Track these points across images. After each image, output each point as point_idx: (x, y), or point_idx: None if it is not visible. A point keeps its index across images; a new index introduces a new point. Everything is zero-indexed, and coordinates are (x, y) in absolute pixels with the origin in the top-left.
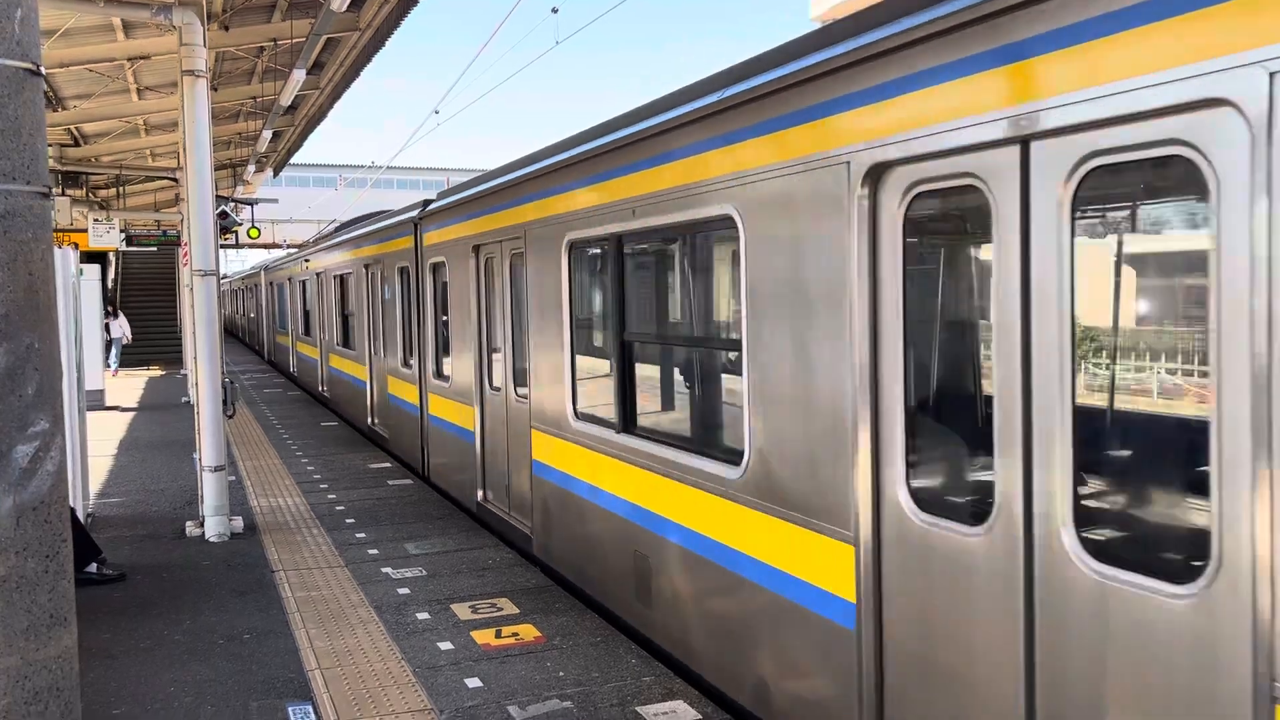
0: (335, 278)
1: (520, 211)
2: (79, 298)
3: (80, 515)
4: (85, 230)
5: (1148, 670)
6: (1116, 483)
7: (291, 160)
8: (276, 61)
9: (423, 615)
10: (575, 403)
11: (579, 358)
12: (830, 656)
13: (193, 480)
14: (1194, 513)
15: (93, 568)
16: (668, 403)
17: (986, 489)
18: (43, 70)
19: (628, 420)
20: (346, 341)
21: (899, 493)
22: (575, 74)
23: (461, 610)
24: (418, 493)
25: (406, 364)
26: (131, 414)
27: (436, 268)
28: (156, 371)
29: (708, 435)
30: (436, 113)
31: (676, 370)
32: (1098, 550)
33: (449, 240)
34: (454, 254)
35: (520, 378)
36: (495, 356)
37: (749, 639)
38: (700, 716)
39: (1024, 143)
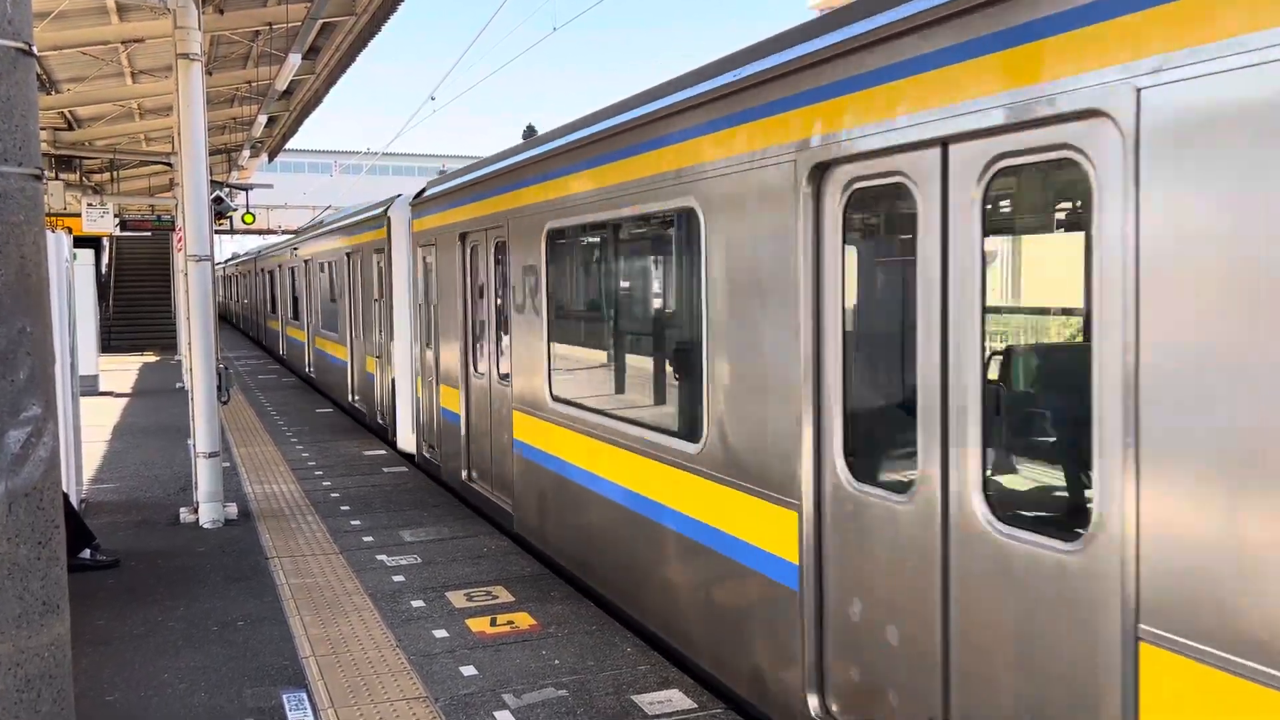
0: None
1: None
2: (73, 282)
3: (74, 501)
4: (79, 215)
5: None
6: None
7: (287, 145)
8: (272, 46)
9: (418, 603)
10: None
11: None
12: None
13: (187, 466)
14: None
15: (86, 553)
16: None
17: None
18: (35, 50)
19: None
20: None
21: None
22: (572, 58)
23: (456, 598)
24: (413, 480)
25: None
26: (125, 399)
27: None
28: (151, 357)
29: None
30: (433, 99)
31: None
32: None
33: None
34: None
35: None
36: None
37: None
38: (695, 705)
39: None
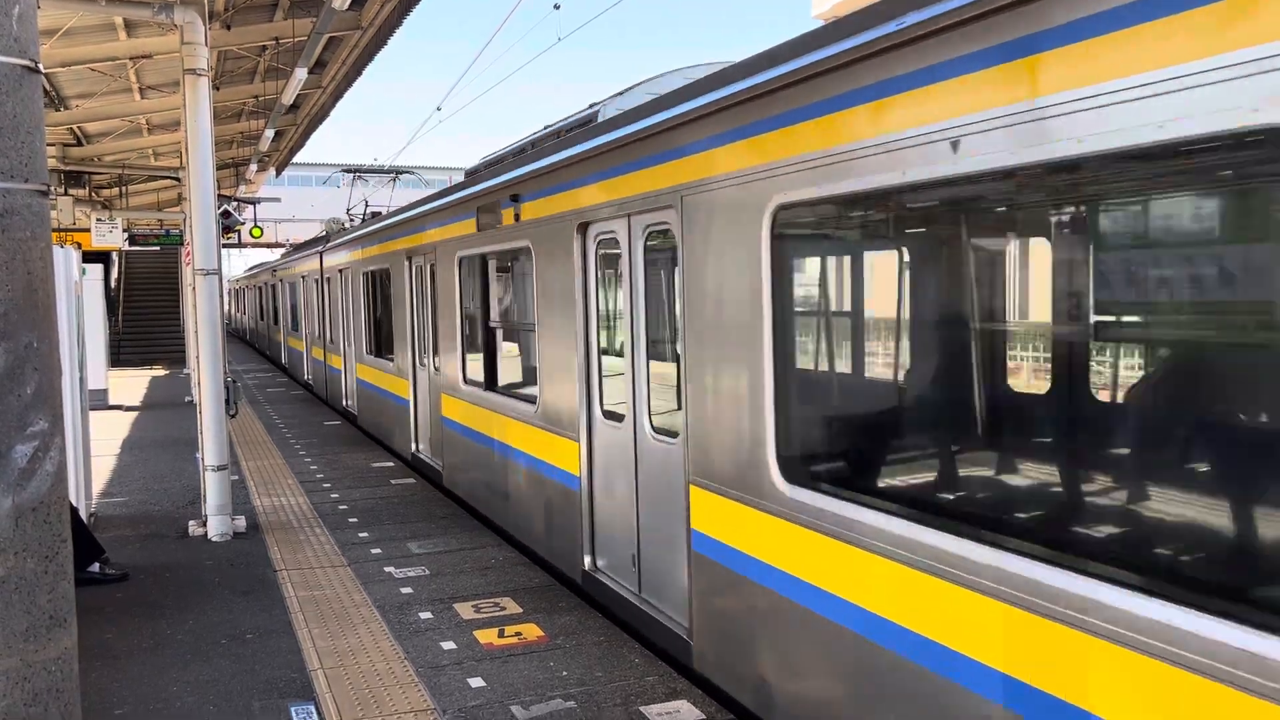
0: None
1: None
2: (82, 297)
3: (83, 515)
4: (88, 230)
5: None
6: None
7: (294, 159)
8: (278, 60)
9: (425, 615)
10: None
11: None
12: None
13: (195, 480)
14: None
15: (95, 567)
16: None
17: None
18: (41, 67)
19: None
20: None
21: None
22: (577, 69)
23: (464, 609)
24: (421, 491)
25: None
26: (134, 413)
27: None
28: (160, 371)
29: None
30: (439, 110)
31: None
32: None
33: None
34: None
35: None
36: None
37: None
38: (704, 716)
39: None
